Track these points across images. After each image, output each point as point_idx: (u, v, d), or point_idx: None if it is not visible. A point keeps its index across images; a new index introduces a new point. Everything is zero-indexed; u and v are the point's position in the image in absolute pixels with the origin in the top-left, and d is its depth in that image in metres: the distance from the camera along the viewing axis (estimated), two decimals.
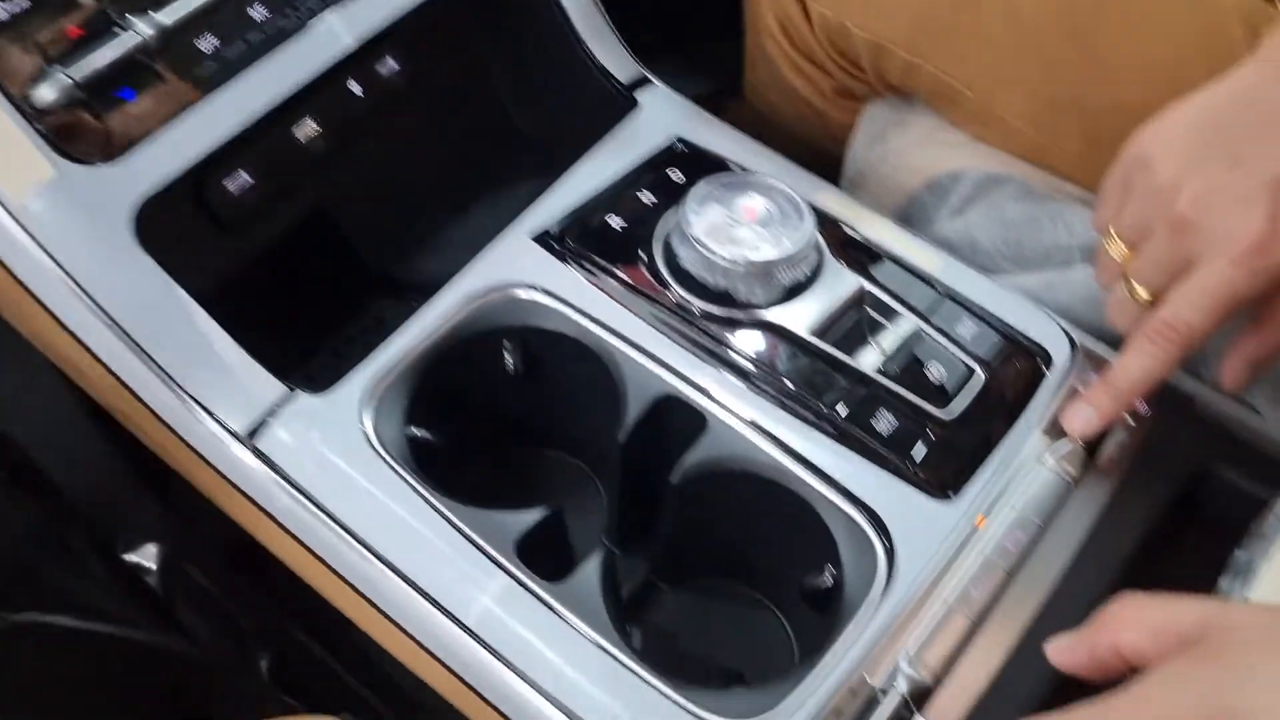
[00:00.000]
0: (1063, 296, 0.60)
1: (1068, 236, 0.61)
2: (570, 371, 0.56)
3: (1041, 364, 0.56)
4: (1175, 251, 0.50)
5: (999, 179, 0.64)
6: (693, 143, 0.62)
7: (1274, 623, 0.34)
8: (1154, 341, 0.49)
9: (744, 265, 0.53)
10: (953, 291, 0.58)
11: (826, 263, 0.57)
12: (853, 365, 0.54)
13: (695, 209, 0.55)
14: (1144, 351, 0.49)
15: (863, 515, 0.50)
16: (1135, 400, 0.51)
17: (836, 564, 0.50)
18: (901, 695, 0.45)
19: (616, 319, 0.55)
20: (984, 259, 0.63)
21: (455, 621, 0.47)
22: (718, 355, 0.54)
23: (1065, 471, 0.51)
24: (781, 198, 0.56)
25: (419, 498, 0.49)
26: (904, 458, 0.51)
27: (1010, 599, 0.48)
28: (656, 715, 0.44)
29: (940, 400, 0.53)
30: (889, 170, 0.67)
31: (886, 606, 0.47)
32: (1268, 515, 0.44)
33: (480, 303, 0.55)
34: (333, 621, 0.53)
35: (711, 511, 0.53)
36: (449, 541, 0.49)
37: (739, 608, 0.58)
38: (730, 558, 0.57)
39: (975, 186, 0.64)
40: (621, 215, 0.58)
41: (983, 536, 0.49)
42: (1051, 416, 0.53)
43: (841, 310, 0.55)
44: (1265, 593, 0.40)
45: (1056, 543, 0.50)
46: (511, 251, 0.57)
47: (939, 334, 0.55)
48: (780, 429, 0.52)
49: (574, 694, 0.45)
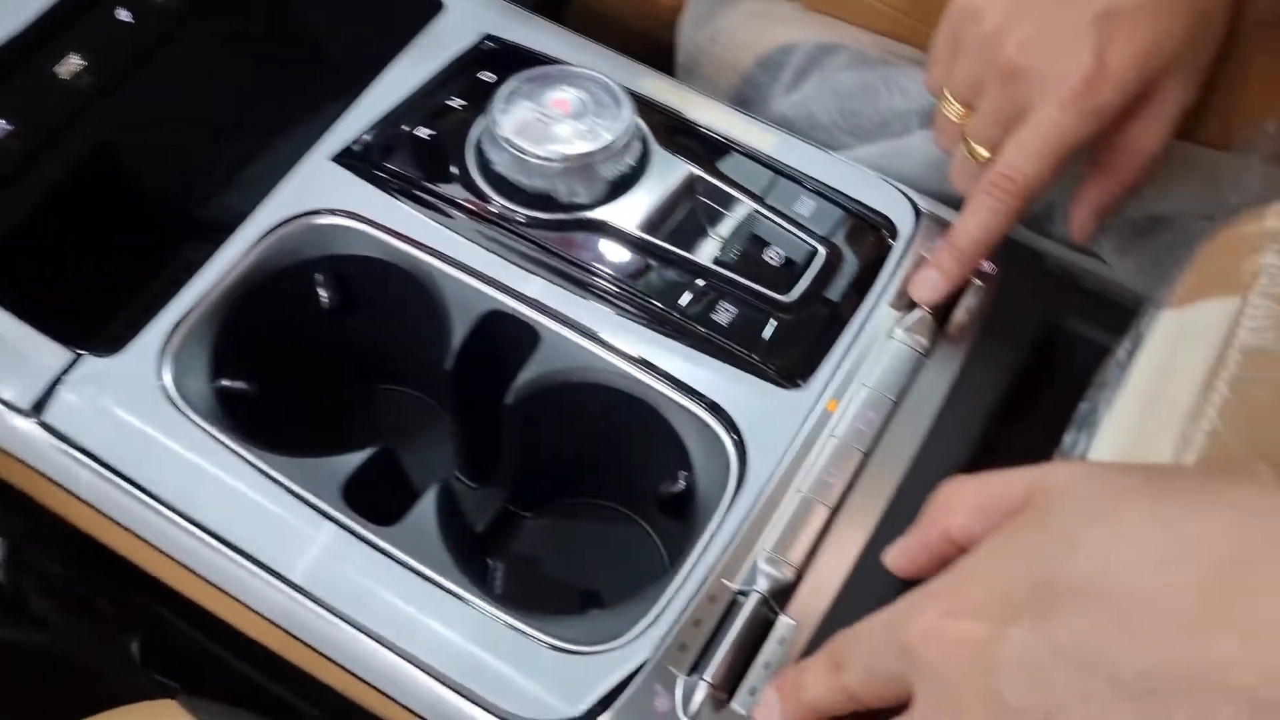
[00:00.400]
0: (904, 164, 0.58)
1: (904, 101, 0.58)
2: (389, 298, 0.52)
3: (886, 235, 0.53)
4: (1008, 102, 0.47)
5: (830, 48, 0.60)
6: (503, 39, 0.58)
7: (1097, 481, 0.32)
8: (991, 195, 0.47)
9: (560, 162, 0.50)
10: (789, 170, 0.55)
11: (654, 153, 0.53)
12: (688, 258, 0.51)
13: (503, 108, 0.51)
14: (982, 207, 0.47)
15: (709, 413, 0.47)
16: (980, 259, 0.49)
17: (688, 467, 0.47)
18: (761, 595, 0.43)
19: (431, 236, 0.50)
20: (823, 133, 0.60)
21: (281, 579, 0.43)
22: (544, 263, 0.50)
23: (916, 343, 0.49)
24: (597, 87, 0.52)
25: (230, 453, 0.45)
26: (749, 349, 0.48)
27: (868, 480, 0.46)
28: (505, 649, 0.42)
29: (782, 284, 0.50)
30: (720, 50, 0.64)
31: (740, 506, 0.45)
32: (1109, 363, 0.42)
33: (279, 235, 0.50)
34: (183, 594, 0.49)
35: (556, 429, 0.50)
36: (267, 495, 0.45)
37: (604, 525, 0.55)
38: (585, 475, 0.54)
39: (807, 58, 0.60)
40: (429, 124, 0.54)
41: (835, 421, 0.47)
42: (899, 288, 0.51)
43: (672, 201, 0.52)
44: (1108, 442, 0.38)
45: (912, 416, 0.48)
46: (311, 176, 0.52)
47: (777, 215, 0.52)
48: (616, 333, 0.48)
49: (415, 637, 0.42)
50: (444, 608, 0.42)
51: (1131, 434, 0.38)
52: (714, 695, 0.41)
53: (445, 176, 0.52)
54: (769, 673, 0.41)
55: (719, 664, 0.41)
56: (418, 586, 0.43)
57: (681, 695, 0.41)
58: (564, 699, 0.41)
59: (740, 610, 0.42)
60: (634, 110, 0.52)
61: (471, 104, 0.54)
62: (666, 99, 0.57)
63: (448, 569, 0.43)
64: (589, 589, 0.52)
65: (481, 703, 0.41)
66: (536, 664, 0.42)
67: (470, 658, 0.41)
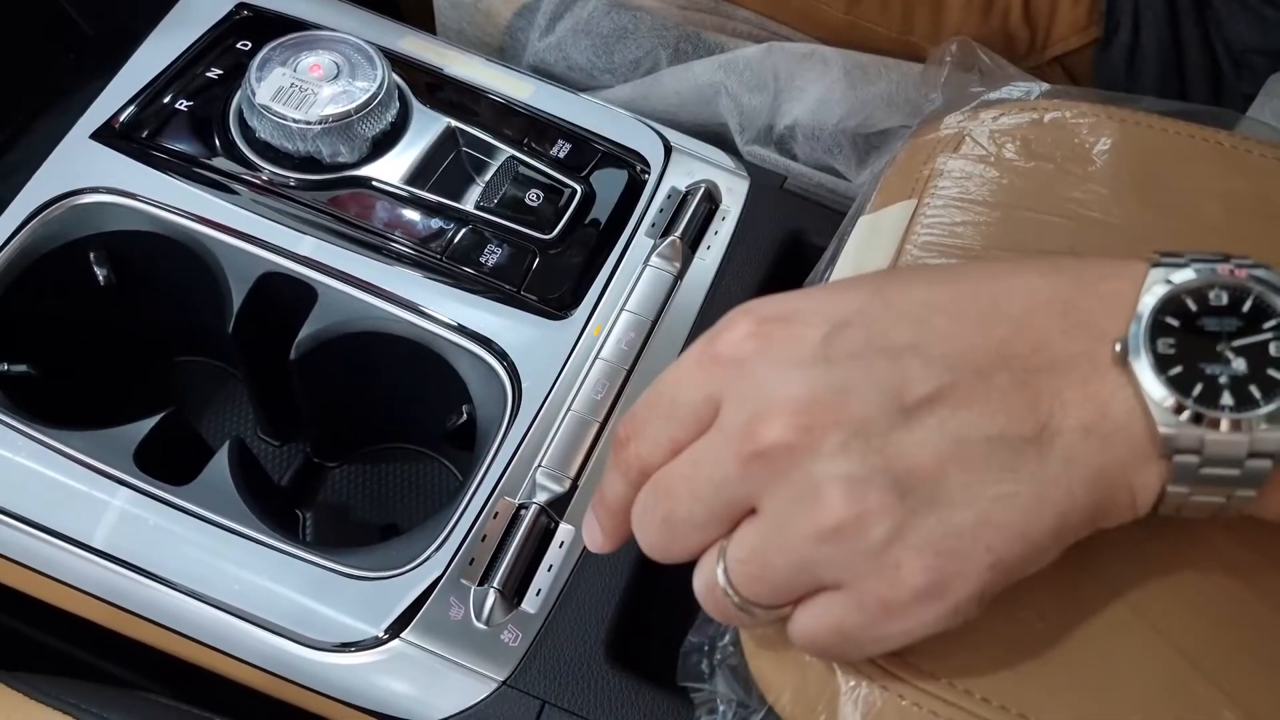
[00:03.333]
0: (655, 101, 0.62)
1: (651, 37, 0.62)
2: (166, 270, 0.53)
3: (640, 170, 0.57)
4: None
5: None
6: (258, 6, 0.59)
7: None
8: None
9: (319, 124, 0.52)
10: (546, 116, 0.58)
11: (414, 109, 0.56)
12: (454, 206, 0.54)
13: (258, 75, 0.53)
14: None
15: (483, 348, 0.51)
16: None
17: (468, 400, 0.51)
18: (540, 506, 0.47)
19: (200, 206, 0.52)
20: (582, 74, 0.64)
21: (82, 546, 0.45)
22: (314, 222, 0.52)
23: (670, 267, 0.54)
24: (350, 49, 0.55)
25: (13, 432, 0.47)
26: (516, 285, 0.52)
27: (632, 395, 0.50)
28: (305, 584, 0.45)
29: (544, 224, 0.54)
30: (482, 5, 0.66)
31: (516, 430, 0.49)
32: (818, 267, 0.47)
33: (44, 218, 0.51)
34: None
35: (343, 380, 0.53)
36: (58, 469, 0.46)
37: (404, 465, 0.58)
38: (379, 421, 0.57)
39: (560, 3, 0.64)
40: (189, 96, 0.55)
41: (600, 344, 0.51)
42: (652, 219, 0.56)
43: (435, 154, 0.55)
44: None
45: (669, 333, 0.52)
46: (72, 155, 0.53)
47: (535, 159, 0.56)
48: (389, 282, 0.51)
49: (216, 583, 0.44)
50: (242, 553, 0.45)
51: None
52: (504, 600, 0.45)
53: (210, 147, 0.54)
54: (553, 574, 0.46)
55: (505, 572, 0.45)
56: (215, 536, 0.45)
57: (474, 604, 0.45)
58: (366, 620, 0.44)
59: (522, 522, 0.46)
60: (389, 69, 0.54)
61: (229, 74, 0.56)
62: (425, 57, 0.59)
63: (246, 518, 0.46)
64: (391, 524, 0.55)
65: (287, 634, 0.44)
66: (337, 593, 0.45)
67: (272, 595, 0.44)
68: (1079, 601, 0.33)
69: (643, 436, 0.33)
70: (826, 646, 0.32)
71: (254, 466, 0.50)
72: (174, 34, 0.58)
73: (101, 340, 0.56)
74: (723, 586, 0.32)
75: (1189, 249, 0.31)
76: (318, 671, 0.44)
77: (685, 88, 0.62)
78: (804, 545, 0.30)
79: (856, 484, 0.29)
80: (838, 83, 0.62)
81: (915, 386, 0.30)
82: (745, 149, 0.62)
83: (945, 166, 0.44)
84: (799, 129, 0.62)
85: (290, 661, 0.44)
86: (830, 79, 0.62)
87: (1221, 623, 0.33)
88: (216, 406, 0.60)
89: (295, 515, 0.55)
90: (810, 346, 0.31)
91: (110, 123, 0.54)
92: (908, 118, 0.61)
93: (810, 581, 0.30)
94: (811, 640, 0.31)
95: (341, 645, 0.44)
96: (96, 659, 0.59)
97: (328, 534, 0.56)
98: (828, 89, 0.62)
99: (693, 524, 0.32)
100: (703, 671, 0.37)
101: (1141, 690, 0.32)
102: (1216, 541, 0.34)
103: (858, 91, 0.61)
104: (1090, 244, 0.41)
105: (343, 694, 0.44)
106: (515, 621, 0.44)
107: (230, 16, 0.58)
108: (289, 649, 0.44)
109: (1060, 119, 0.45)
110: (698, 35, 0.64)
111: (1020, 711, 0.32)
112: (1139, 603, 0.33)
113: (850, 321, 0.31)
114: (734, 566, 0.31)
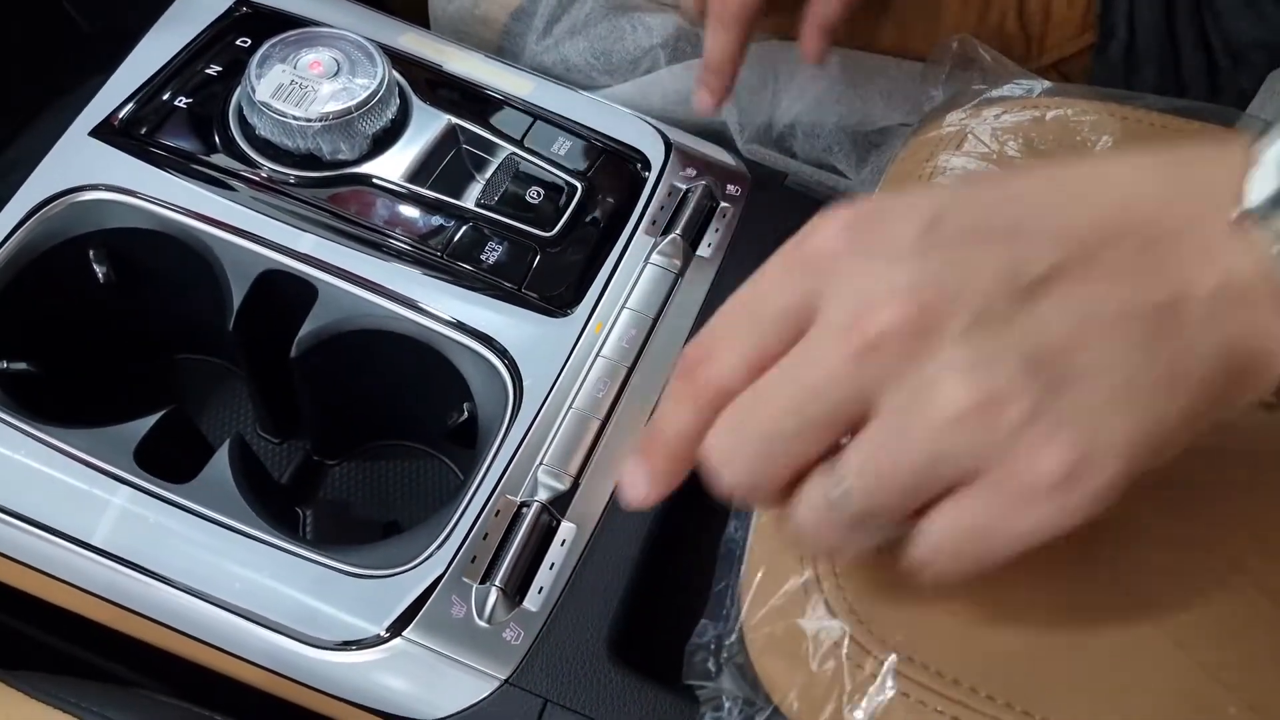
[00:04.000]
0: (655, 99, 0.62)
1: (649, 38, 0.62)
2: (166, 268, 0.53)
3: (640, 167, 0.57)
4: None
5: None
6: (257, 3, 0.59)
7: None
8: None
9: (319, 120, 0.52)
10: (546, 113, 0.58)
11: (414, 106, 0.56)
12: (454, 203, 0.54)
13: (258, 73, 0.53)
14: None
15: (484, 345, 0.50)
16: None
17: (469, 397, 0.51)
18: (541, 504, 0.47)
19: (200, 203, 0.52)
20: (580, 75, 0.64)
21: (82, 545, 0.45)
22: (315, 220, 0.52)
23: (671, 264, 0.54)
24: (350, 46, 0.54)
25: (14, 430, 0.46)
26: (516, 283, 0.52)
27: (633, 392, 0.50)
28: (307, 582, 0.45)
29: (545, 221, 0.54)
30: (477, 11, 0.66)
31: (518, 427, 0.49)
32: None
33: (43, 215, 0.51)
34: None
35: (344, 378, 0.53)
36: (58, 467, 0.46)
37: (405, 463, 0.58)
38: (380, 418, 0.57)
39: (556, 6, 0.64)
40: (188, 94, 0.55)
41: (601, 342, 0.51)
42: (653, 217, 0.56)
43: (435, 151, 0.55)
44: None
45: (669, 331, 0.52)
46: (71, 152, 0.53)
47: (535, 156, 0.56)
48: (389, 280, 0.51)
49: (217, 581, 0.44)
50: (243, 551, 0.45)
51: None
52: (506, 598, 0.45)
53: (209, 144, 0.53)
54: (554, 572, 0.46)
55: (507, 570, 0.45)
56: (216, 534, 0.45)
57: (476, 602, 0.45)
58: (368, 619, 0.44)
59: (524, 520, 0.46)
60: (389, 66, 0.54)
61: (229, 70, 0.55)
62: (425, 54, 0.59)
63: (247, 516, 0.46)
64: (392, 521, 0.55)
65: (288, 632, 0.44)
66: (339, 591, 0.45)
67: (274, 593, 0.44)
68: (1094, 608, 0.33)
69: (720, 355, 0.30)
70: (959, 552, 0.29)
71: (255, 464, 0.50)
72: (173, 30, 0.57)
73: (101, 338, 0.56)
74: (836, 504, 0.29)
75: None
76: (319, 670, 0.44)
77: (684, 87, 0.62)
78: (933, 437, 0.28)
79: (984, 366, 0.27)
80: (836, 81, 0.62)
81: (1030, 266, 0.28)
82: (745, 148, 0.62)
83: (947, 164, 0.44)
84: (798, 127, 0.63)
85: (291, 660, 0.44)
86: (829, 77, 0.62)
87: (1241, 634, 0.33)
88: (216, 404, 0.59)
89: (296, 513, 0.55)
90: (910, 238, 0.29)
91: (110, 120, 0.54)
92: (907, 115, 0.61)
93: (940, 479, 0.28)
94: (941, 548, 0.29)
95: (343, 643, 0.44)
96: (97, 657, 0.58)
97: (328, 532, 0.56)
98: (827, 87, 0.62)
99: (792, 442, 0.29)
100: (709, 669, 0.37)
101: (1156, 698, 0.32)
102: (1237, 552, 0.34)
103: (857, 89, 0.62)
104: None
105: (344, 692, 0.44)
106: (517, 619, 0.44)
107: (230, 13, 0.58)
108: (290, 647, 0.44)
109: (1062, 116, 0.45)
110: (696, 34, 0.64)
111: (1025, 709, 0.32)
112: (1157, 612, 0.33)
113: (945, 213, 0.29)
114: (853, 478, 0.29)
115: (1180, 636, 0.32)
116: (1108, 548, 0.33)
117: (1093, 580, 0.34)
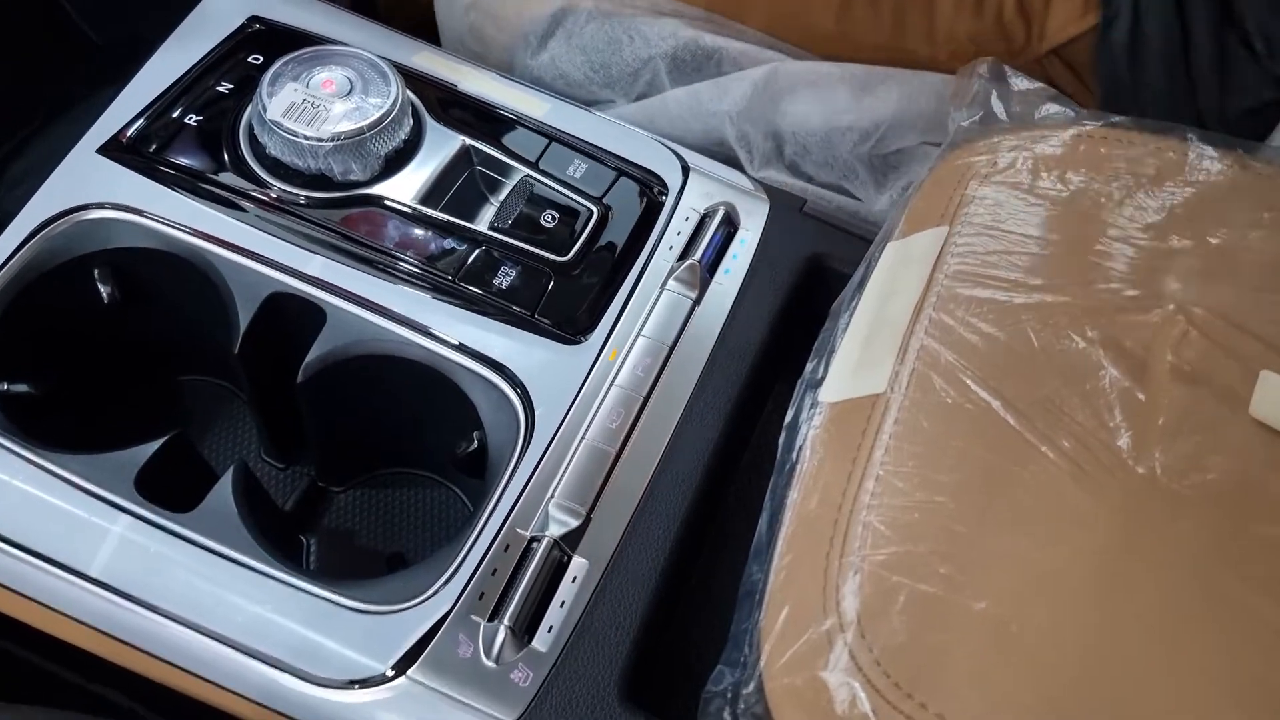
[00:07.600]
0: (662, 124, 0.61)
1: (647, 48, 0.61)
2: (172, 288, 0.52)
3: (657, 191, 0.56)
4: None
5: (570, 10, 0.63)
6: (270, 20, 0.58)
7: None
8: None
9: (331, 140, 0.51)
10: (562, 134, 0.57)
11: (428, 126, 0.55)
12: (467, 226, 0.53)
13: (269, 91, 0.52)
14: None
15: (495, 373, 0.49)
16: None
17: (479, 426, 0.49)
18: (553, 539, 0.45)
19: (208, 223, 0.51)
20: (579, 89, 0.62)
21: (79, 575, 0.44)
22: (325, 241, 0.51)
23: (687, 291, 0.53)
24: (363, 65, 0.53)
25: (12, 455, 0.45)
26: (530, 309, 0.51)
27: (647, 423, 0.49)
28: (310, 617, 0.43)
29: (559, 245, 0.53)
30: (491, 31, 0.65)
31: (529, 459, 0.47)
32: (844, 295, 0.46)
33: (48, 234, 0.50)
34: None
35: (352, 403, 0.51)
36: (57, 494, 0.45)
37: (412, 492, 0.57)
38: (387, 445, 0.55)
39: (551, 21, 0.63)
40: (198, 111, 0.54)
41: (616, 370, 0.50)
42: (670, 242, 0.54)
43: (448, 172, 0.54)
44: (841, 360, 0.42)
45: (686, 360, 0.51)
46: (78, 169, 0.52)
47: (550, 179, 0.55)
48: (400, 304, 0.50)
49: (218, 615, 0.43)
50: (245, 584, 0.44)
51: (859, 350, 0.42)
52: (514, 638, 0.43)
53: (219, 163, 0.52)
54: (565, 611, 0.44)
55: (517, 608, 0.44)
56: (218, 566, 0.44)
57: (483, 641, 0.43)
58: (372, 656, 0.43)
59: (534, 555, 0.45)
60: (402, 85, 0.53)
61: (240, 88, 0.54)
62: (439, 72, 0.58)
63: (250, 547, 0.45)
64: (398, 553, 0.54)
65: (289, 669, 0.42)
66: (343, 627, 0.43)
67: (276, 628, 0.43)
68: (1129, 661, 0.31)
69: None
70: None
71: (258, 493, 0.49)
72: (184, 47, 0.56)
73: (104, 359, 0.54)
74: None
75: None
76: (320, 709, 0.42)
77: (690, 114, 0.61)
78: None
79: None
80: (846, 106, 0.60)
81: None
82: (759, 175, 0.61)
83: (977, 193, 0.43)
84: (810, 155, 0.61)
85: (292, 698, 0.42)
86: (837, 101, 0.60)
87: (1259, 660, 0.32)
88: (220, 427, 0.58)
89: (299, 541, 0.54)
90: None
91: (118, 137, 0.53)
92: (923, 134, 0.60)
93: None
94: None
95: (346, 682, 0.42)
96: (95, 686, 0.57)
97: (332, 562, 0.54)
98: (836, 113, 0.60)
99: None
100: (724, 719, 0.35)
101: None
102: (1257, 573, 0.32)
103: (867, 111, 0.60)
104: (1125, 273, 0.40)
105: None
106: (526, 660, 0.43)
107: (242, 30, 0.57)
108: (291, 685, 0.43)
109: (1094, 145, 0.44)
110: (696, 42, 0.63)
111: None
112: (1178, 639, 0.31)
113: None
114: None
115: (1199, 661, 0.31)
116: (1149, 602, 0.32)
117: (1128, 635, 0.32)
